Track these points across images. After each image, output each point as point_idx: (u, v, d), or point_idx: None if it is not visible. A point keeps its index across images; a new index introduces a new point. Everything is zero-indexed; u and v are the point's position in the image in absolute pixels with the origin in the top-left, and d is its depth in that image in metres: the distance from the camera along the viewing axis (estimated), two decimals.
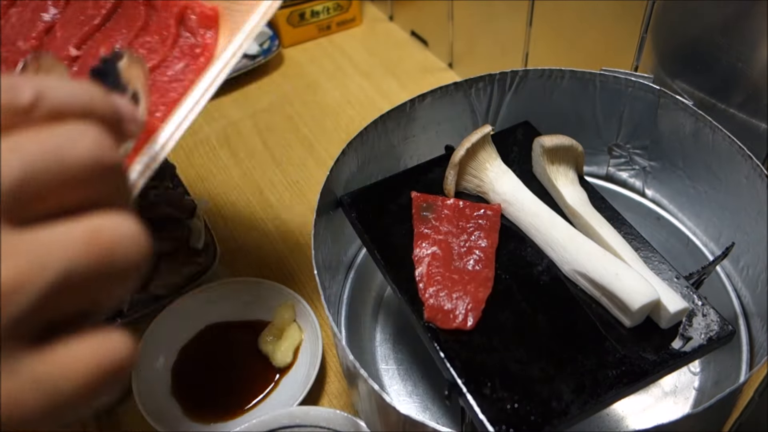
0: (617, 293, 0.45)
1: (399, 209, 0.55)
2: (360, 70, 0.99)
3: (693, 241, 0.62)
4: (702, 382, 0.57)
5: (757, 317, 0.54)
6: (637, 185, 0.66)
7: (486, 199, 0.55)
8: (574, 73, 0.61)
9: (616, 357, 0.44)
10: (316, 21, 1.04)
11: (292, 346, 0.62)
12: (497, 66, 0.69)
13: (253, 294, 0.66)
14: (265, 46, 1.00)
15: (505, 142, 0.59)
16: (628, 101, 0.60)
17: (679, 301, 0.45)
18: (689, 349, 0.45)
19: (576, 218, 0.53)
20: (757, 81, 0.55)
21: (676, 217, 0.64)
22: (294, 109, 0.93)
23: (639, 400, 0.56)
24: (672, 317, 0.45)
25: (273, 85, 0.98)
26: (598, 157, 0.67)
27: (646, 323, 0.46)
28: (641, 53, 0.64)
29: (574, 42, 0.71)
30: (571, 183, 0.55)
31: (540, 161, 0.55)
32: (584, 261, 0.48)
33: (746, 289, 0.56)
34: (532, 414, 0.41)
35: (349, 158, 0.57)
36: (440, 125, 0.64)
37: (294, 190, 0.81)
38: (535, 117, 0.62)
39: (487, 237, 0.52)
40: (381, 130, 0.60)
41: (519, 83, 0.62)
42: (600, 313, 0.47)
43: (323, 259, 0.54)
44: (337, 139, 0.88)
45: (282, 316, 0.63)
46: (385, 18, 1.09)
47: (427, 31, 1.00)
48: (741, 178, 0.53)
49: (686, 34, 0.60)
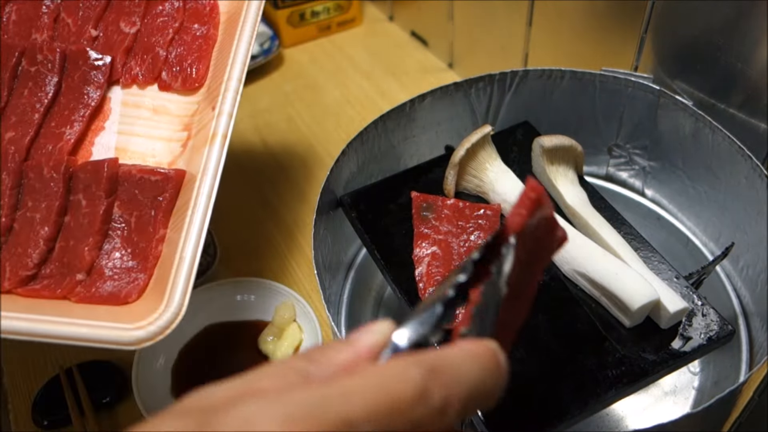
0: (617, 293, 0.45)
1: (399, 209, 0.55)
2: (360, 70, 0.99)
3: (693, 241, 0.62)
4: (702, 382, 0.57)
5: (756, 317, 0.54)
6: (636, 185, 0.66)
7: (486, 199, 0.55)
8: (574, 73, 0.61)
9: (616, 357, 0.44)
10: (316, 21, 1.04)
11: (292, 345, 0.62)
12: (497, 66, 0.69)
13: (253, 294, 0.66)
14: (265, 46, 1.00)
15: (505, 142, 0.59)
16: (628, 101, 0.60)
17: (678, 301, 0.45)
18: (689, 349, 0.45)
19: (576, 218, 0.53)
20: (757, 81, 0.55)
21: (675, 217, 0.64)
22: (294, 109, 0.93)
23: (639, 400, 0.56)
24: (672, 317, 0.45)
25: (273, 85, 0.98)
26: (598, 157, 0.67)
27: (645, 323, 0.46)
28: (641, 53, 0.64)
29: (574, 42, 0.71)
30: (570, 183, 0.55)
31: (539, 161, 0.55)
32: (584, 261, 0.48)
33: (746, 289, 0.56)
34: (532, 414, 0.41)
35: (349, 158, 0.57)
36: (440, 125, 0.64)
37: (294, 190, 0.81)
38: (535, 117, 0.62)
39: (486, 237, 0.52)
40: (381, 130, 0.60)
41: (519, 83, 0.62)
42: (600, 313, 0.47)
43: (323, 259, 0.54)
44: (337, 139, 0.88)
45: (282, 316, 0.63)
46: (385, 18, 1.09)
47: (427, 31, 1.00)
48: (741, 178, 0.53)
49: (686, 34, 0.60)
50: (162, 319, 0.45)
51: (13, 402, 0.62)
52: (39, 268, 0.51)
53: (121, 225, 0.52)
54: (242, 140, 0.89)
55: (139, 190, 0.52)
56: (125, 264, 0.50)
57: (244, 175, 0.84)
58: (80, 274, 0.50)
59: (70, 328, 0.44)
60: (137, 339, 0.44)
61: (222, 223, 0.77)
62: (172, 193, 0.52)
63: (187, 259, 0.47)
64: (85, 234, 0.51)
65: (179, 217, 0.50)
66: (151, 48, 0.59)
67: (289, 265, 0.72)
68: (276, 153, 0.87)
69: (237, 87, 0.54)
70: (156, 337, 0.44)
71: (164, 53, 0.59)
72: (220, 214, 0.78)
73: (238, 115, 0.92)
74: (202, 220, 0.48)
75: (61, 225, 0.52)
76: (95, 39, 0.60)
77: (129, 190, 0.52)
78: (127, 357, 0.62)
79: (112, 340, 0.44)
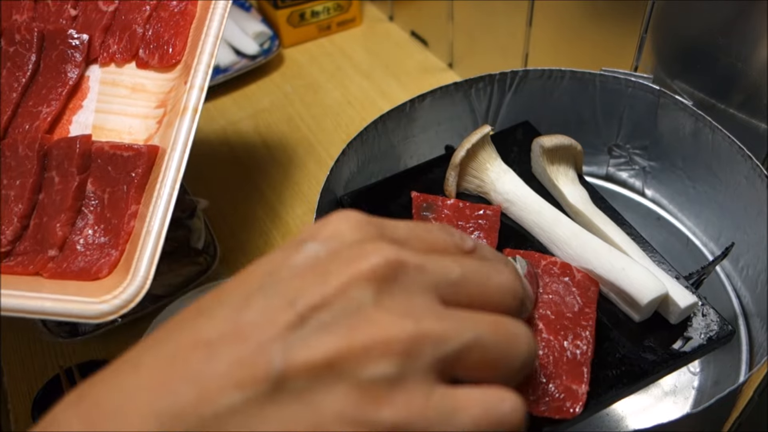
0: (625, 288, 0.45)
1: (399, 209, 0.55)
2: (360, 70, 0.99)
3: (693, 241, 0.62)
4: (702, 382, 0.57)
5: (756, 317, 0.55)
6: (636, 185, 0.66)
7: (487, 200, 0.55)
8: (574, 73, 0.61)
9: (616, 357, 0.44)
10: (316, 21, 1.04)
11: None
12: (497, 66, 0.69)
13: None
14: (265, 46, 1.00)
15: (505, 142, 0.59)
16: (628, 101, 0.60)
17: (688, 296, 0.45)
18: (689, 349, 0.45)
19: (579, 217, 0.53)
20: (757, 81, 0.55)
21: (675, 217, 0.64)
22: (294, 109, 0.93)
23: (639, 400, 0.56)
24: (682, 312, 0.45)
25: (273, 85, 0.98)
26: (598, 157, 0.67)
27: (646, 323, 0.46)
28: (641, 53, 0.64)
29: (574, 42, 0.71)
30: (571, 182, 0.55)
31: (539, 161, 0.55)
32: (590, 257, 0.48)
33: (746, 289, 0.56)
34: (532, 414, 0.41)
35: (349, 158, 0.57)
36: (440, 125, 0.64)
37: (294, 190, 0.81)
38: (535, 117, 0.62)
39: (486, 237, 0.52)
40: (381, 130, 0.60)
41: (519, 83, 0.62)
42: (608, 309, 0.47)
43: None
44: (337, 139, 0.88)
45: None
46: (385, 18, 1.09)
47: (427, 31, 1.00)
48: (741, 178, 0.53)
49: (686, 34, 0.60)
50: (126, 293, 0.45)
51: (13, 402, 0.62)
52: (13, 245, 0.51)
53: (94, 201, 0.52)
54: (242, 140, 0.89)
55: (112, 166, 0.52)
56: (97, 240, 0.50)
57: (244, 174, 0.84)
58: (52, 251, 0.50)
59: (35, 302, 0.44)
60: (101, 312, 0.44)
61: (222, 223, 0.77)
62: (145, 168, 0.51)
63: (153, 232, 0.47)
64: (57, 211, 0.51)
65: (151, 193, 0.50)
66: (128, 25, 0.59)
67: None
68: (276, 153, 0.87)
69: (209, 60, 0.53)
70: (120, 310, 0.44)
71: (141, 30, 0.58)
72: (221, 214, 0.78)
73: (238, 115, 0.93)
74: (170, 193, 0.48)
75: (36, 202, 0.52)
76: (74, 18, 0.59)
77: (102, 166, 0.52)
78: None
79: (76, 314, 0.44)
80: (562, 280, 0.47)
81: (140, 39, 0.58)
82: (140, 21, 0.59)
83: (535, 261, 0.48)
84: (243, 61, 0.97)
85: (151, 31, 0.58)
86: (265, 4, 1.03)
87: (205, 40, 0.54)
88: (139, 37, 0.58)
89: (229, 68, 0.96)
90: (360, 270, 0.26)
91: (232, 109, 0.94)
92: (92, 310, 0.44)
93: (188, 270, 0.67)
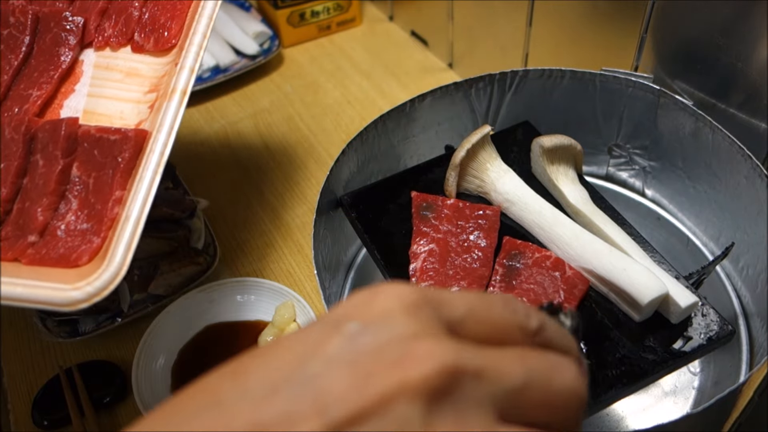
0: (626, 288, 0.45)
1: (399, 209, 0.55)
2: (360, 70, 0.99)
3: (693, 241, 0.62)
4: (702, 382, 0.57)
5: (756, 317, 0.54)
6: (637, 185, 0.66)
7: (487, 200, 0.55)
8: (574, 73, 0.61)
9: (616, 357, 0.44)
10: (316, 21, 1.04)
11: None
12: (497, 66, 0.69)
13: (253, 294, 0.66)
14: (265, 46, 1.00)
15: (505, 142, 0.59)
16: (628, 101, 0.60)
17: (689, 296, 0.45)
18: (689, 349, 0.45)
19: (579, 216, 0.53)
20: (757, 81, 0.55)
21: (676, 217, 0.64)
22: (294, 109, 0.93)
23: (639, 400, 0.56)
24: (683, 312, 0.45)
25: (273, 85, 0.98)
26: (598, 157, 0.67)
27: (646, 323, 0.46)
28: (641, 53, 0.64)
29: (574, 42, 0.71)
30: (571, 182, 0.55)
31: (539, 161, 0.55)
32: (591, 257, 0.48)
33: (746, 289, 0.56)
34: None
35: (349, 158, 0.57)
36: (440, 125, 0.64)
37: (294, 190, 0.81)
38: (535, 117, 0.62)
39: (486, 237, 0.52)
40: (381, 130, 0.60)
41: (519, 83, 0.62)
42: (608, 308, 0.47)
43: (323, 259, 0.54)
44: (337, 139, 0.88)
45: (282, 316, 0.63)
46: (385, 18, 1.09)
47: (427, 31, 1.00)
48: (741, 178, 0.53)
49: (686, 34, 0.60)
50: (100, 280, 0.42)
51: (13, 402, 0.62)
52: None
53: (79, 186, 0.50)
54: (242, 140, 0.89)
55: (98, 150, 0.50)
56: (80, 226, 0.48)
57: (244, 174, 0.84)
58: (32, 236, 0.48)
59: (6, 288, 0.43)
60: (72, 300, 0.42)
61: (222, 223, 0.77)
62: (132, 153, 0.49)
63: (132, 218, 0.45)
64: (39, 195, 0.49)
65: (136, 178, 0.48)
66: (124, 9, 0.58)
67: (289, 265, 0.72)
68: (276, 153, 0.87)
69: (201, 42, 0.52)
70: (92, 298, 0.42)
71: (137, 14, 0.57)
72: (221, 214, 0.78)
73: (238, 115, 0.93)
74: (151, 177, 0.46)
75: (20, 187, 0.50)
76: (71, 2, 0.59)
77: (88, 150, 0.50)
78: (127, 357, 0.62)
79: (46, 301, 0.42)
80: (551, 274, 0.48)
81: (136, 22, 0.57)
82: (137, 4, 0.58)
83: (530, 252, 0.49)
84: (243, 61, 0.97)
85: (148, 15, 0.57)
86: (265, 4, 1.03)
87: (198, 20, 0.53)
88: (135, 20, 0.57)
89: (229, 68, 0.96)
90: (409, 378, 0.21)
91: (232, 109, 0.94)
92: (63, 297, 0.42)
93: (188, 270, 0.67)
